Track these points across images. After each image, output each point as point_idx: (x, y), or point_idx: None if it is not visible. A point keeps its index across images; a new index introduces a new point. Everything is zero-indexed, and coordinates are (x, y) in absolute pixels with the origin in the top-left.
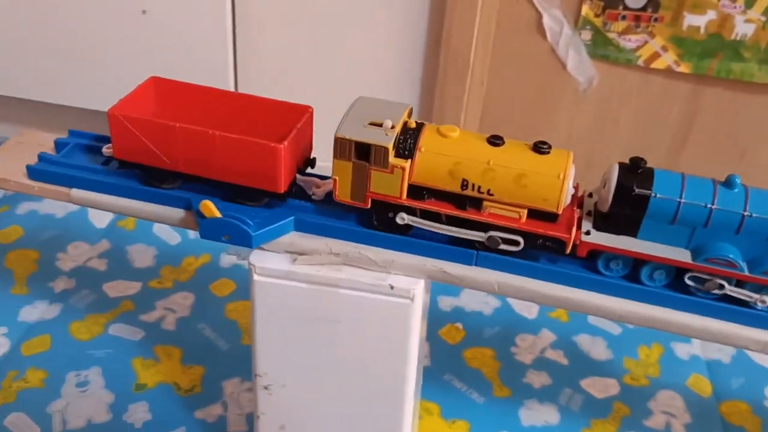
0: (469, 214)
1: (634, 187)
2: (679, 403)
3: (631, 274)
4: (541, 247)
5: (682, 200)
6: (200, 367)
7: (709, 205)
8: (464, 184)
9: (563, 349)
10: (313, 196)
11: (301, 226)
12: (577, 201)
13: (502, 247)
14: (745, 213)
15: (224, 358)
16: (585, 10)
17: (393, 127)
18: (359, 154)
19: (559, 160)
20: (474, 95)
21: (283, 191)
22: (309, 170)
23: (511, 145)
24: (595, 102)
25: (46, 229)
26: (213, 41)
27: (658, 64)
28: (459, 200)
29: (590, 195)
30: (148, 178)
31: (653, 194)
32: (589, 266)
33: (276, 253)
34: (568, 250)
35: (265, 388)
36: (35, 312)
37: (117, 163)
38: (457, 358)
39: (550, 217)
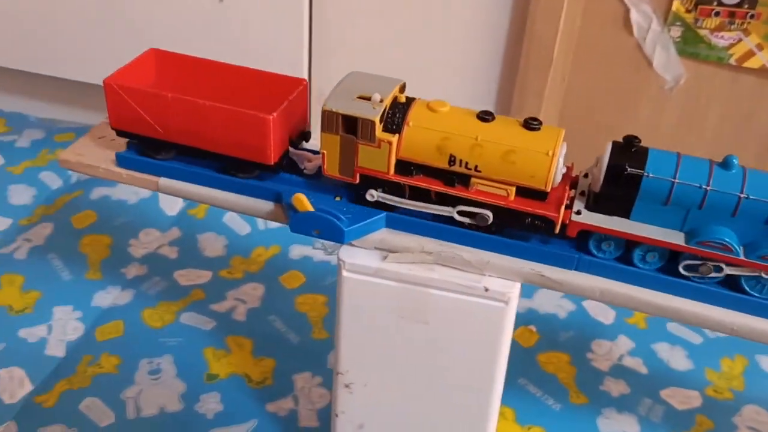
0: (458, 191)
1: (626, 167)
2: (765, 419)
3: (624, 256)
4: (530, 227)
5: (676, 180)
6: (271, 359)
7: (704, 186)
8: (452, 160)
9: (641, 357)
10: (304, 170)
11: (393, 223)
12: (571, 181)
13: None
14: (742, 195)
15: (295, 352)
16: (676, 5)
17: (382, 101)
18: (347, 127)
19: (549, 137)
20: (555, 90)
21: (272, 163)
22: (305, 144)
23: (502, 121)
24: (681, 101)
25: (118, 215)
26: (289, 31)
27: (751, 63)
28: (447, 177)
29: (585, 175)
30: (143, 148)
31: (646, 174)
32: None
33: (366, 249)
34: (557, 230)
35: (346, 386)
36: (108, 297)
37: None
38: (532, 361)
39: (539, 196)
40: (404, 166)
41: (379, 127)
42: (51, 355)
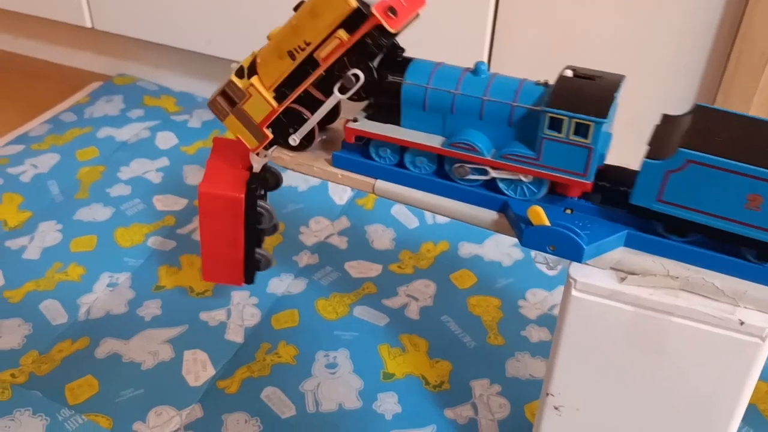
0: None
1: (388, 75)
2: None
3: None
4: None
5: (429, 86)
6: (447, 362)
7: (452, 91)
8: (292, 55)
9: None
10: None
11: (633, 242)
12: None
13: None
14: (485, 98)
15: (471, 357)
16: None
17: (240, 67)
18: (228, 102)
19: None
20: (765, 93)
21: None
22: None
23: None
24: None
25: (289, 202)
26: (472, 17)
27: None
28: (305, 72)
29: None
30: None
31: (404, 81)
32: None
33: (599, 269)
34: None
35: (556, 408)
36: (282, 285)
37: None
38: (461, 303)
39: (360, 19)
40: (283, 96)
41: (239, 81)
42: (231, 341)
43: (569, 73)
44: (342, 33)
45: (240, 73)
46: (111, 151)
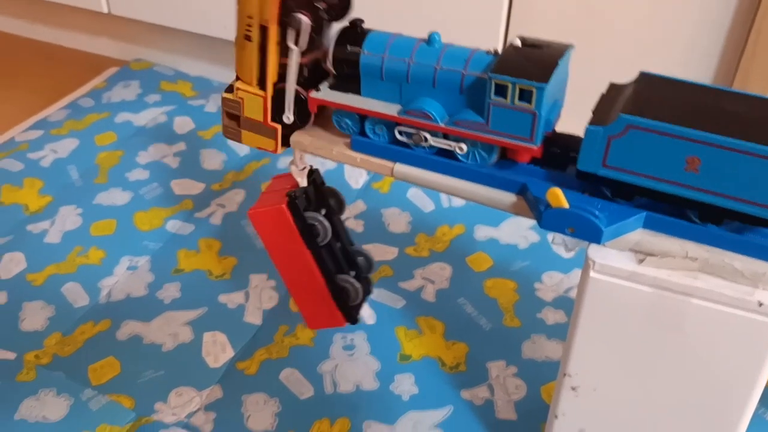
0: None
1: (347, 46)
2: None
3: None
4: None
5: (386, 56)
6: (463, 344)
7: (407, 60)
8: (248, 37)
9: None
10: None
11: (652, 224)
12: None
13: None
14: (437, 66)
15: (487, 339)
16: None
17: (228, 85)
18: (234, 120)
19: None
20: None
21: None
22: None
23: None
24: None
25: None
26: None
27: None
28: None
29: None
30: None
31: (362, 51)
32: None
33: (617, 250)
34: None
35: (573, 388)
36: None
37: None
38: (477, 285)
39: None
40: (263, 81)
41: (230, 95)
42: (249, 323)
43: (518, 42)
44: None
45: (229, 89)
46: (129, 136)
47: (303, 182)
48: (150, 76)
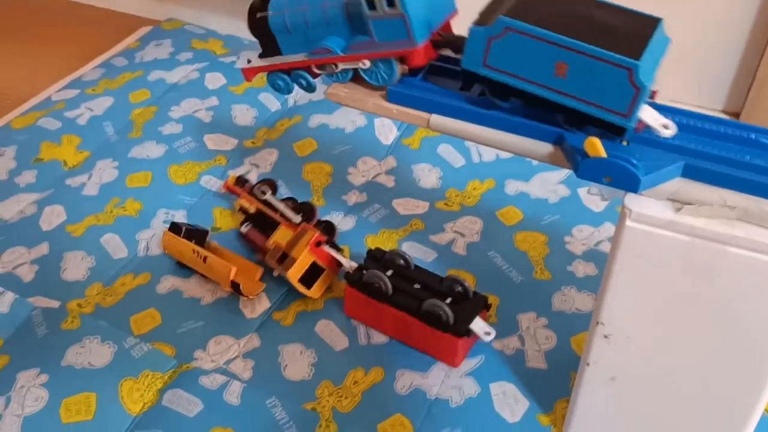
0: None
1: (257, 12)
2: None
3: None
4: None
5: (286, 11)
6: (494, 296)
7: (300, 8)
8: None
9: None
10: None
11: (691, 172)
12: None
13: None
14: (324, 5)
15: (517, 291)
16: None
17: None
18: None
19: None
20: None
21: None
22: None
23: None
24: None
25: (337, 144)
26: None
27: None
28: None
29: None
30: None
31: (268, 13)
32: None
33: (654, 199)
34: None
35: (605, 336)
36: (332, 222)
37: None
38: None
39: None
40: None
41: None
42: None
43: None
44: None
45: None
46: (162, 93)
47: (346, 262)
48: (181, 35)
